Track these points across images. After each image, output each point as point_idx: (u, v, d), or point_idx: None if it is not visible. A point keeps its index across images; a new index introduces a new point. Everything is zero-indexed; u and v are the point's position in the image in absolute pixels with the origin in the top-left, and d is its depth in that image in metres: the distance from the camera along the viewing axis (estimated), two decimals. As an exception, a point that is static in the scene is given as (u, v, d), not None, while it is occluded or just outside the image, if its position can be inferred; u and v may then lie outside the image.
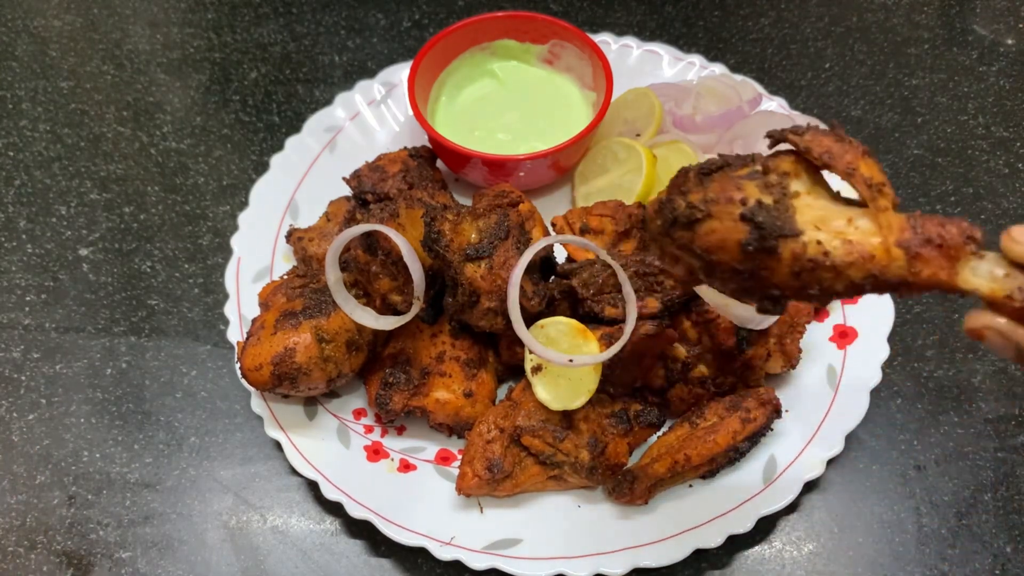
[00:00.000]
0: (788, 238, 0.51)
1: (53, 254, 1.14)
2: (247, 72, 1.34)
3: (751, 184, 0.53)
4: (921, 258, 0.50)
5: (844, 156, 0.52)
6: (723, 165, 0.54)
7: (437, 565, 0.88)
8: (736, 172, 0.54)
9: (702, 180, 0.54)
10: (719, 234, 0.53)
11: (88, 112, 1.30)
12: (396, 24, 1.40)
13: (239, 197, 1.18)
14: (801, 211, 0.52)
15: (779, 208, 0.52)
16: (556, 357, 0.81)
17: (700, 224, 0.53)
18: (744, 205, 0.52)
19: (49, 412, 1.01)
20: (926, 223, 0.51)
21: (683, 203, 0.54)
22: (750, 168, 0.54)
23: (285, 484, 0.95)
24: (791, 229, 0.51)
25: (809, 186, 0.53)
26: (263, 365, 0.85)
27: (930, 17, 1.38)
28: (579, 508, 0.88)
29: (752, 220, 0.52)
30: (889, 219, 0.51)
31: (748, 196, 0.52)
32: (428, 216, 0.87)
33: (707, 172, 0.54)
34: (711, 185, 0.53)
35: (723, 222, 0.53)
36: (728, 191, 0.53)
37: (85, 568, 0.90)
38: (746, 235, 0.52)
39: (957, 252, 0.50)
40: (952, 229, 0.50)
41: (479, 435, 0.86)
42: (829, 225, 0.52)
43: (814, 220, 0.52)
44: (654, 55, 1.25)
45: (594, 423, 0.87)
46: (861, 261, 0.51)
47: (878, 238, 0.51)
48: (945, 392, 0.99)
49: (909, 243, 0.50)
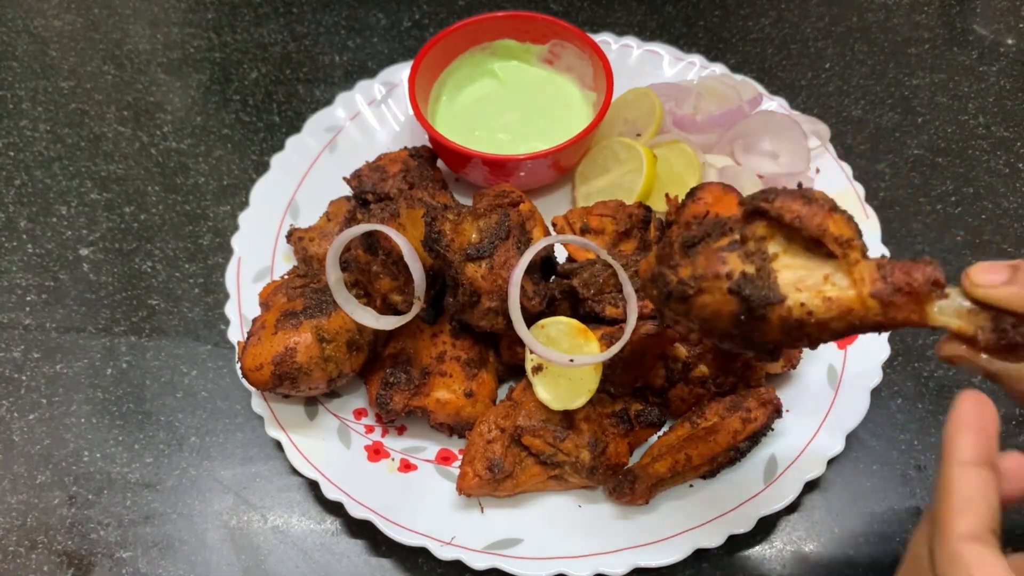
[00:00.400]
0: (774, 305, 0.56)
1: (53, 254, 1.14)
2: (247, 72, 1.34)
3: (733, 256, 0.58)
4: (894, 305, 0.55)
5: (814, 219, 0.56)
6: (704, 236, 0.59)
7: (438, 565, 0.88)
8: (717, 243, 0.58)
9: (687, 253, 0.59)
10: (712, 307, 0.58)
11: (88, 112, 1.30)
12: (396, 24, 1.40)
13: (239, 197, 1.18)
14: (782, 274, 0.57)
15: (762, 276, 0.57)
16: (557, 357, 0.81)
17: (693, 299, 0.58)
18: (730, 279, 0.57)
19: (49, 412, 1.01)
20: (895, 272, 0.55)
21: (675, 279, 0.59)
22: (729, 238, 0.58)
23: (286, 484, 0.95)
24: (776, 296, 0.56)
25: (785, 244, 0.58)
26: (264, 365, 0.85)
27: (930, 17, 1.38)
28: (579, 508, 0.88)
29: (740, 293, 0.56)
30: (861, 271, 0.56)
31: (733, 269, 0.57)
32: (429, 216, 0.87)
33: (690, 244, 0.59)
34: (697, 260, 0.58)
35: (714, 296, 0.58)
36: (714, 266, 0.57)
37: (85, 568, 0.90)
38: (736, 307, 0.57)
39: (924, 297, 0.55)
40: (918, 276, 0.55)
41: (480, 435, 0.86)
42: (808, 284, 0.56)
43: (795, 282, 0.56)
44: (654, 55, 1.25)
45: (595, 423, 0.87)
46: (841, 314, 0.56)
47: (853, 291, 0.56)
48: (946, 392, 0.99)
49: (881, 293, 0.55)
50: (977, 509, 0.52)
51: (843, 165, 1.11)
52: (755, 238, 0.58)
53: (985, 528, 0.52)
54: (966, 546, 0.51)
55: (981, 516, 0.52)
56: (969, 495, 0.53)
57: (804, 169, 1.09)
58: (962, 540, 0.52)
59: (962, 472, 0.54)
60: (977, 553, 0.51)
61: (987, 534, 0.52)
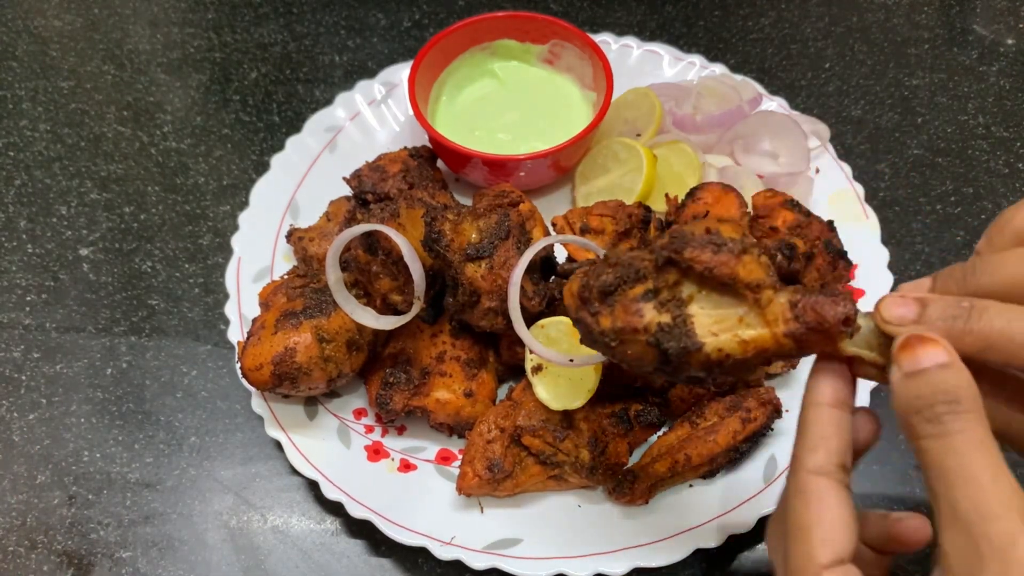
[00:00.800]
0: (692, 351, 0.58)
1: (53, 254, 1.14)
2: (247, 72, 1.34)
3: (648, 307, 0.59)
4: (807, 342, 0.57)
5: (723, 268, 0.57)
6: (619, 284, 0.60)
7: (438, 565, 0.88)
8: (632, 292, 0.60)
9: (605, 300, 0.61)
10: (635, 355, 0.60)
11: (88, 112, 1.30)
12: (396, 24, 1.40)
13: (239, 197, 1.18)
14: (698, 319, 0.58)
15: (678, 325, 0.58)
16: (556, 357, 0.81)
17: (617, 349, 0.61)
18: (648, 332, 0.59)
19: (49, 412, 1.01)
20: (807, 311, 0.56)
21: (596, 329, 0.61)
22: (644, 286, 0.60)
23: (285, 484, 0.95)
24: (693, 345, 0.58)
25: (698, 285, 0.59)
26: (263, 365, 0.85)
27: (930, 17, 1.38)
28: (579, 508, 0.88)
29: (659, 346, 0.58)
30: (774, 311, 0.57)
31: (649, 322, 0.59)
32: (428, 216, 0.87)
33: (607, 293, 0.61)
34: (615, 311, 0.60)
35: (635, 348, 0.60)
36: (631, 321, 0.59)
37: (85, 568, 0.90)
38: (657, 357, 0.59)
39: (836, 336, 0.56)
40: (829, 316, 0.56)
41: (479, 435, 0.86)
42: (723, 328, 0.58)
43: (709, 327, 0.58)
44: (654, 55, 1.25)
45: (594, 423, 0.87)
46: (757, 353, 0.58)
47: (767, 330, 0.57)
48: (945, 392, 0.98)
49: (794, 333, 0.57)
50: (827, 446, 0.56)
51: (843, 165, 1.11)
52: (668, 286, 0.59)
53: (833, 464, 0.55)
54: (812, 478, 0.55)
55: (831, 452, 0.55)
56: (821, 433, 0.56)
57: (804, 169, 1.09)
58: (809, 473, 0.55)
59: (817, 412, 0.57)
60: (821, 485, 0.54)
61: (835, 469, 0.55)
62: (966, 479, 0.48)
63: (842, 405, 0.57)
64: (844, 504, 0.54)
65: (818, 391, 0.58)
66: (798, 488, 0.55)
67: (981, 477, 0.48)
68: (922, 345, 0.52)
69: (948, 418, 0.50)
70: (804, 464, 0.56)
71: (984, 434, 0.50)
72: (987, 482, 0.48)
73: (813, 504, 0.54)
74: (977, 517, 0.47)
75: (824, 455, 0.55)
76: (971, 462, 0.49)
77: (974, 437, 0.49)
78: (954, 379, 0.51)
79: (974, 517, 0.47)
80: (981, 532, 0.47)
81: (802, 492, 0.55)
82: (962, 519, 0.48)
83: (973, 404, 0.50)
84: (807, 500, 0.54)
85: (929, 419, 0.51)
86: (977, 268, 0.56)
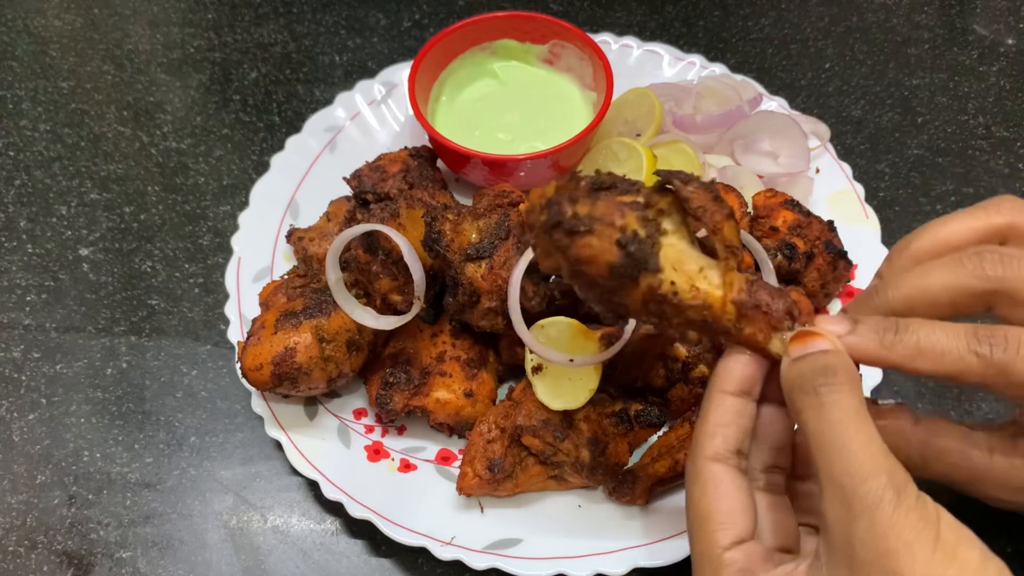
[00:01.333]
0: (649, 272, 0.59)
1: (53, 254, 1.14)
2: (247, 72, 1.34)
3: (632, 214, 0.60)
4: (747, 318, 0.59)
5: (714, 216, 0.60)
6: (612, 185, 0.61)
7: (438, 565, 0.88)
8: (622, 197, 0.60)
9: (591, 194, 0.61)
10: (594, 250, 0.60)
11: (88, 112, 1.30)
12: (396, 24, 1.40)
13: (239, 197, 1.18)
14: (665, 250, 0.60)
15: (649, 242, 0.60)
16: (557, 357, 0.81)
17: (580, 236, 0.60)
18: (623, 232, 0.59)
19: (49, 412, 1.01)
20: (760, 291, 0.59)
21: (570, 211, 0.60)
22: (634, 197, 0.61)
23: (285, 484, 0.95)
24: (654, 265, 0.59)
25: (677, 225, 0.61)
26: (263, 365, 0.85)
27: (930, 17, 1.38)
28: (579, 508, 0.88)
29: (625, 248, 0.59)
30: (733, 277, 0.60)
31: (627, 224, 0.59)
32: (429, 216, 0.87)
33: (597, 188, 0.61)
34: (598, 203, 0.60)
35: (600, 241, 0.59)
36: (612, 215, 0.59)
37: (85, 568, 0.90)
38: (617, 259, 0.59)
39: (776, 323, 0.59)
40: (779, 304, 0.59)
41: (480, 435, 0.86)
42: (684, 268, 0.60)
43: (673, 261, 0.60)
44: (654, 55, 1.25)
45: (595, 423, 0.87)
46: (700, 306, 0.60)
47: (720, 291, 0.59)
48: (945, 392, 0.99)
49: (743, 303, 0.59)
50: (726, 433, 0.59)
51: (843, 165, 1.11)
52: (656, 207, 0.60)
53: (730, 450, 0.59)
54: (709, 464, 0.58)
55: (729, 439, 0.59)
56: (721, 420, 0.59)
57: (804, 169, 1.09)
58: (707, 459, 0.58)
59: (719, 399, 0.60)
60: (716, 470, 0.58)
61: (731, 455, 0.59)
62: (840, 445, 0.52)
63: (745, 394, 0.60)
64: (740, 488, 0.58)
65: (722, 379, 0.61)
66: (696, 475, 0.59)
67: (853, 442, 0.52)
68: (810, 337, 0.58)
69: (824, 390, 0.54)
70: (702, 450, 0.59)
71: (858, 404, 0.54)
72: (857, 447, 0.51)
73: (710, 489, 0.57)
74: (849, 479, 0.50)
75: (722, 441, 0.59)
76: (845, 429, 0.52)
77: (848, 406, 0.53)
78: (833, 358, 0.56)
79: (846, 480, 0.50)
80: (853, 492, 0.50)
81: (700, 479, 0.58)
82: (836, 482, 0.51)
83: (847, 377, 0.55)
84: (704, 486, 0.58)
85: (807, 391, 0.55)
86: (880, 289, 0.62)
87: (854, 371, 0.56)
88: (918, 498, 0.51)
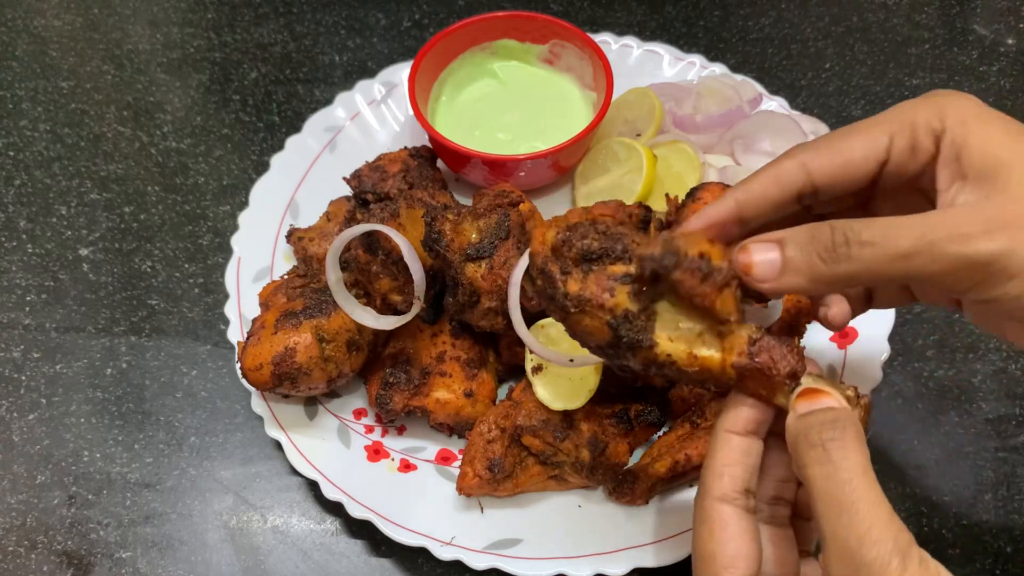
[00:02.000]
0: (643, 348, 0.59)
1: (53, 254, 1.14)
2: (247, 72, 1.34)
3: (623, 290, 0.60)
4: (749, 379, 0.59)
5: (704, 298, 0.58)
6: (603, 254, 0.61)
7: (438, 565, 0.88)
8: (612, 269, 0.60)
9: (581, 266, 0.61)
10: (588, 327, 0.61)
11: (88, 112, 1.30)
12: (396, 24, 1.40)
13: (239, 197, 1.18)
14: (661, 320, 0.60)
15: (642, 319, 0.59)
16: (556, 357, 0.81)
17: (572, 316, 0.61)
18: (613, 314, 0.59)
19: (49, 412, 1.01)
20: (763, 353, 0.58)
21: (561, 289, 0.61)
22: (625, 268, 0.60)
23: (285, 484, 0.95)
24: (648, 342, 0.59)
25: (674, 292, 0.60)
26: (263, 365, 0.85)
27: (930, 17, 1.38)
28: (579, 508, 0.88)
29: (617, 331, 0.59)
30: (734, 340, 0.59)
31: (618, 304, 0.59)
32: (429, 216, 0.87)
33: (587, 259, 0.61)
34: (588, 279, 0.60)
35: (592, 321, 0.60)
36: (601, 296, 0.60)
37: (85, 568, 0.90)
38: (609, 339, 0.60)
39: (778, 385, 0.58)
40: (782, 366, 0.58)
41: (480, 435, 0.86)
42: (680, 336, 0.59)
43: (669, 331, 0.60)
44: (654, 55, 1.25)
45: (595, 423, 0.87)
46: (701, 371, 0.59)
47: (719, 355, 0.59)
48: (945, 392, 0.99)
49: (743, 367, 0.58)
50: (733, 473, 0.58)
51: (843, 165, 1.11)
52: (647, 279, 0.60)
53: (737, 490, 0.58)
54: (716, 505, 0.58)
55: (736, 479, 0.58)
56: (727, 460, 0.59)
57: (804, 169, 1.09)
58: (714, 500, 0.58)
59: (725, 439, 0.60)
60: (724, 511, 0.58)
61: (739, 496, 0.58)
62: (848, 504, 0.51)
63: (752, 434, 0.60)
64: (746, 530, 0.57)
65: (729, 420, 0.60)
66: (704, 515, 0.58)
67: (860, 503, 0.51)
68: (816, 395, 0.57)
69: (832, 445, 0.53)
70: (710, 491, 0.59)
71: (865, 462, 0.53)
72: (864, 508, 0.51)
73: (717, 531, 0.57)
74: (856, 542, 0.50)
75: (729, 481, 0.58)
76: (853, 489, 0.52)
77: (856, 464, 0.52)
78: (841, 415, 0.55)
79: (853, 543, 0.50)
80: (860, 556, 0.50)
81: (707, 519, 0.58)
82: (842, 543, 0.51)
83: (855, 433, 0.54)
84: (711, 527, 0.58)
85: (813, 444, 0.54)
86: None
87: (860, 428, 0.55)
88: (921, 561, 0.50)
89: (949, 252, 0.52)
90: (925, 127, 0.59)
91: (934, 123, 0.58)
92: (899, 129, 0.60)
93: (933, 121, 0.59)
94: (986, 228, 0.52)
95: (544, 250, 0.63)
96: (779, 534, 0.62)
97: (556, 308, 0.62)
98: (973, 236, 0.52)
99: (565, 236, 0.62)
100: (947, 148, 0.58)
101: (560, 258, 0.62)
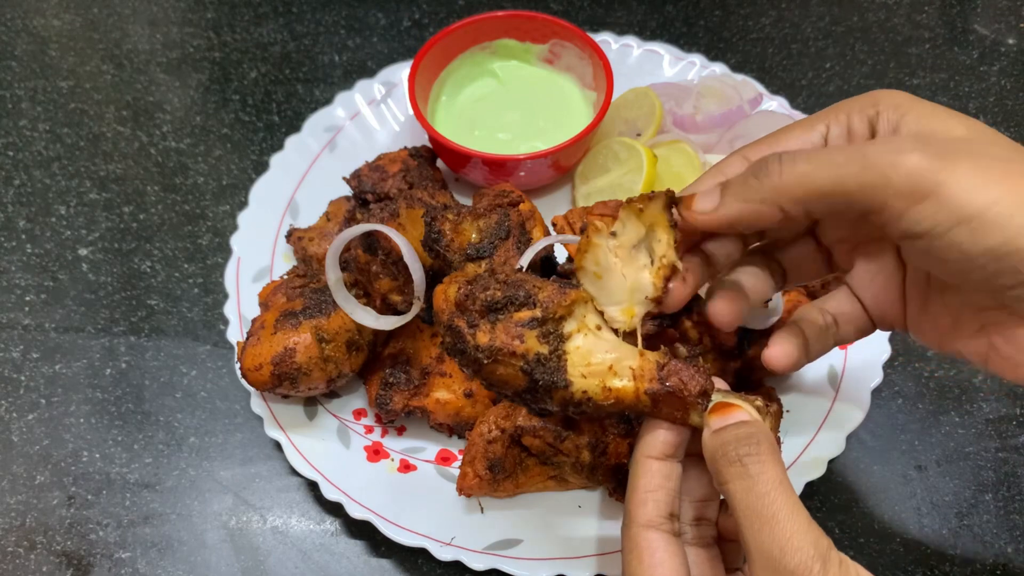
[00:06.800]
0: (559, 389, 0.61)
1: (53, 254, 1.14)
2: (247, 72, 1.34)
3: (531, 335, 0.61)
4: (662, 403, 0.60)
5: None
6: (507, 303, 0.62)
7: (437, 565, 0.88)
8: (519, 316, 0.61)
9: (487, 317, 0.62)
10: (503, 376, 0.62)
11: (88, 112, 1.30)
12: (396, 24, 1.40)
13: (239, 197, 1.18)
14: (572, 357, 0.61)
15: (553, 359, 0.61)
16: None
17: (485, 366, 0.62)
18: (524, 360, 0.61)
19: (49, 412, 1.00)
20: (672, 376, 0.60)
21: (471, 342, 0.62)
22: (531, 313, 0.61)
23: (285, 484, 0.95)
24: (562, 381, 0.61)
25: (580, 320, 0.62)
26: (263, 365, 0.85)
27: (931, 17, 1.38)
28: (580, 508, 0.88)
29: (531, 375, 0.61)
30: (643, 367, 0.61)
31: (528, 350, 0.61)
32: (428, 216, 0.87)
33: (492, 309, 0.62)
34: (497, 329, 0.61)
35: (506, 370, 0.62)
36: (510, 344, 0.61)
37: (85, 568, 0.90)
38: (525, 384, 0.61)
39: (691, 405, 0.60)
40: (691, 387, 0.59)
41: (480, 435, 0.86)
42: (593, 370, 0.61)
43: (581, 367, 0.61)
44: (655, 55, 1.25)
45: (595, 423, 0.86)
46: (616, 403, 0.61)
47: (632, 384, 0.60)
48: (946, 392, 0.98)
49: (655, 392, 0.60)
50: (656, 498, 0.60)
51: (843, 165, 1.11)
52: (555, 318, 0.61)
53: (661, 515, 0.60)
54: (642, 532, 0.59)
55: (660, 504, 0.60)
56: (649, 486, 0.60)
57: (804, 169, 1.09)
58: (640, 527, 0.59)
59: (645, 465, 0.61)
60: (651, 538, 0.59)
61: (663, 520, 0.59)
62: (768, 516, 0.53)
63: (670, 457, 0.61)
64: (674, 555, 0.58)
65: (647, 445, 0.62)
66: (631, 544, 0.60)
67: (780, 513, 0.53)
68: (727, 409, 0.59)
69: (749, 460, 0.55)
70: (635, 519, 0.60)
71: (781, 474, 0.55)
72: (784, 518, 0.53)
73: (646, 558, 0.58)
74: (779, 552, 0.52)
75: (653, 507, 0.60)
76: (772, 501, 0.53)
77: (773, 476, 0.54)
78: (754, 428, 0.57)
79: (776, 552, 0.52)
80: (783, 565, 0.51)
81: (635, 548, 0.59)
82: (765, 553, 0.52)
83: (769, 447, 0.56)
84: (640, 555, 0.59)
85: (731, 461, 0.56)
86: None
87: (773, 439, 0.57)
88: (841, 563, 0.52)
89: (883, 161, 0.54)
90: (859, 114, 0.61)
91: (868, 110, 0.61)
92: (834, 118, 0.62)
93: (867, 108, 0.61)
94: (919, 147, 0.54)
95: (448, 307, 0.64)
96: (704, 555, 0.63)
97: (469, 362, 0.63)
98: (905, 150, 0.54)
99: (467, 290, 0.63)
100: (884, 127, 0.60)
101: (465, 312, 0.63)
